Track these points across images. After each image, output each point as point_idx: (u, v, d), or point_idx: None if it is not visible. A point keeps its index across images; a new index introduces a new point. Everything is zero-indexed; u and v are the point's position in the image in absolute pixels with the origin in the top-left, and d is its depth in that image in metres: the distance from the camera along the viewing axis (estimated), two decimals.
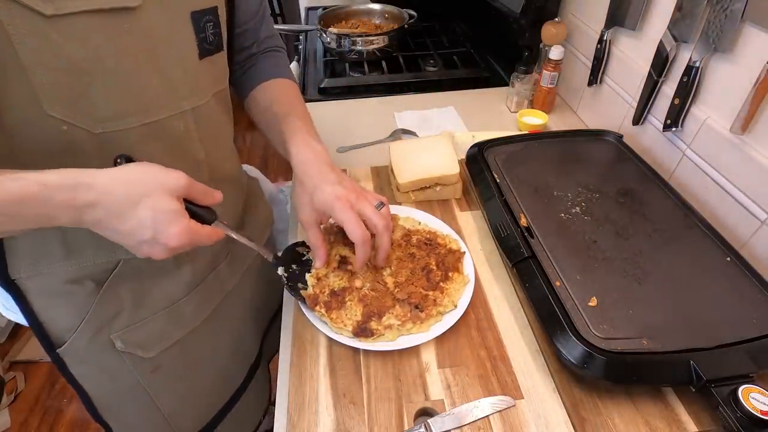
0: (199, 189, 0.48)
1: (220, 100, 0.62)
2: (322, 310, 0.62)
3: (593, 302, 0.57)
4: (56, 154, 0.45)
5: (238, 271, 0.76)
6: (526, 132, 1.03)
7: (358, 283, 0.65)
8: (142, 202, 0.43)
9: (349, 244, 0.66)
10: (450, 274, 0.67)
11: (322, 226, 0.68)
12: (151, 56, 0.47)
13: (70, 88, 0.42)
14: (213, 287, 0.69)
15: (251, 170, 0.96)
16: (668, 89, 0.80)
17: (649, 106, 0.86)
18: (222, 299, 0.72)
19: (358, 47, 1.34)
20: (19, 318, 0.62)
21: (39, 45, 0.39)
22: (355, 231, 0.57)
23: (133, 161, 0.48)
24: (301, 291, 0.65)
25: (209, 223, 0.51)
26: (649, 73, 0.83)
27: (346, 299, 0.63)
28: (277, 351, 0.64)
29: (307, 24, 1.71)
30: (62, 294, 0.57)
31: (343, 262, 0.67)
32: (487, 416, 0.53)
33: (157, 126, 0.50)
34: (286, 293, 0.69)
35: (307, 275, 0.66)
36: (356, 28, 1.48)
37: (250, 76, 0.74)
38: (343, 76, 1.38)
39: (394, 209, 0.79)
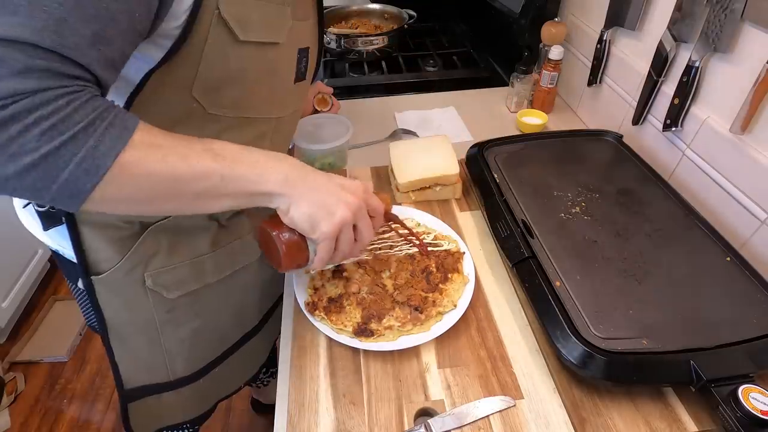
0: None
1: (294, 119, 0.77)
2: (322, 314, 0.62)
3: None
4: (179, 120, 0.58)
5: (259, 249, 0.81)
6: (526, 132, 1.03)
7: (354, 288, 0.65)
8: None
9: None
10: (450, 275, 0.67)
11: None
12: (270, 76, 0.62)
13: (213, 83, 0.56)
14: (234, 253, 0.78)
15: None
16: (668, 89, 0.80)
17: (648, 106, 0.86)
18: (239, 269, 0.79)
19: (358, 47, 1.34)
20: (56, 243, 0.70)
21: (217, 55, 0.54)
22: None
23: None
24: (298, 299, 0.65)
25: None
26: (649, 73, 0.83)
27: (345, 304, 0.64)
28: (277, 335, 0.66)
29: None
30: (112, 228, 0.65)
31: (338, 270, 0.68)
32: (487, 416, 0.53)
33: (247, 121, 0.64)
34: (286, 292, 0.69)
35: (305, 285, 0.67)
36: (356, 29, 1.48)
37: None
38: (343, 76, 1.38)
39: (394, 209, 0.79)
